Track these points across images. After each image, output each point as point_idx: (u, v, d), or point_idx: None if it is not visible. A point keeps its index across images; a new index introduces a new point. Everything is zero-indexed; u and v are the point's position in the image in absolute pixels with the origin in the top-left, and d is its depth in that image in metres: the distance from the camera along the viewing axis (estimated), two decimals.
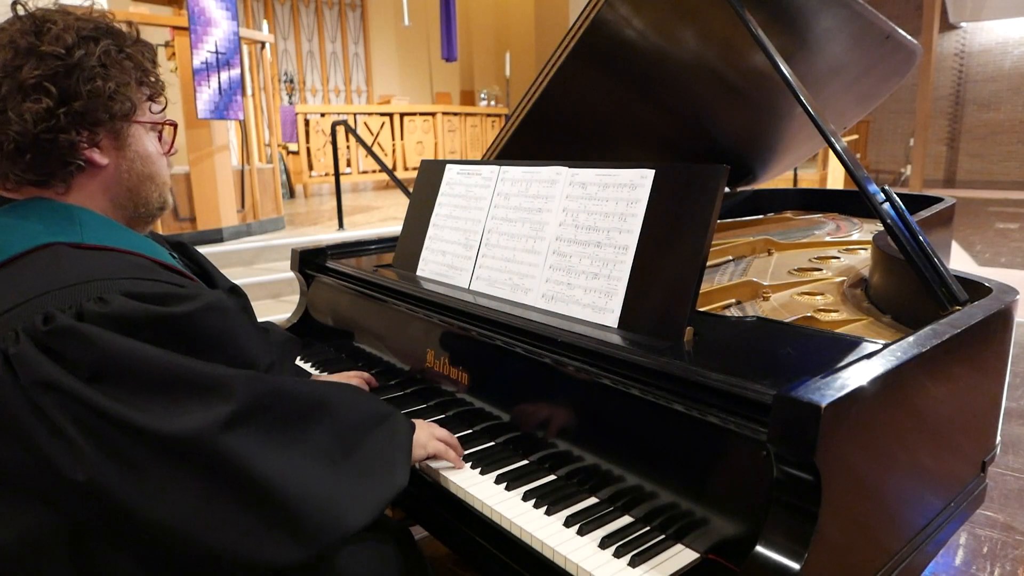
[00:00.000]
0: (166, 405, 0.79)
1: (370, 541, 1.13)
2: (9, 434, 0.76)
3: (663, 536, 0.95)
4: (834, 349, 1.04)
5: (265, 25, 10.22)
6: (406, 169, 9.15)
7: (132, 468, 0.76)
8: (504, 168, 1.43)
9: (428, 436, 1.15)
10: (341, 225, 5.75)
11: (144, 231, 1.10)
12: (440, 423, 1.31)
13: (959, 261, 5.73)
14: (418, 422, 1.16)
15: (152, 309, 0.82)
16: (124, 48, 0.97)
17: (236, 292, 1.49)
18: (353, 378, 1.46)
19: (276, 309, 4.00)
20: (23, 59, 0.89)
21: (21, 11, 0.96)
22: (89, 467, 0.75)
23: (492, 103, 11.92)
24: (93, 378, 0.77)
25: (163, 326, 0.82)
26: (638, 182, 1.17)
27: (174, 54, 4.78)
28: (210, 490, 0.79)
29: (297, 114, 8.37)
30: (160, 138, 1.06)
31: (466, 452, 1.20)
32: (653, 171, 1.16)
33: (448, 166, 1.58)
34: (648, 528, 0.97)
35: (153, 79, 1.02)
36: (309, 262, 1.83)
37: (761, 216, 2.78)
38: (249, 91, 5.30)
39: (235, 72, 4.83)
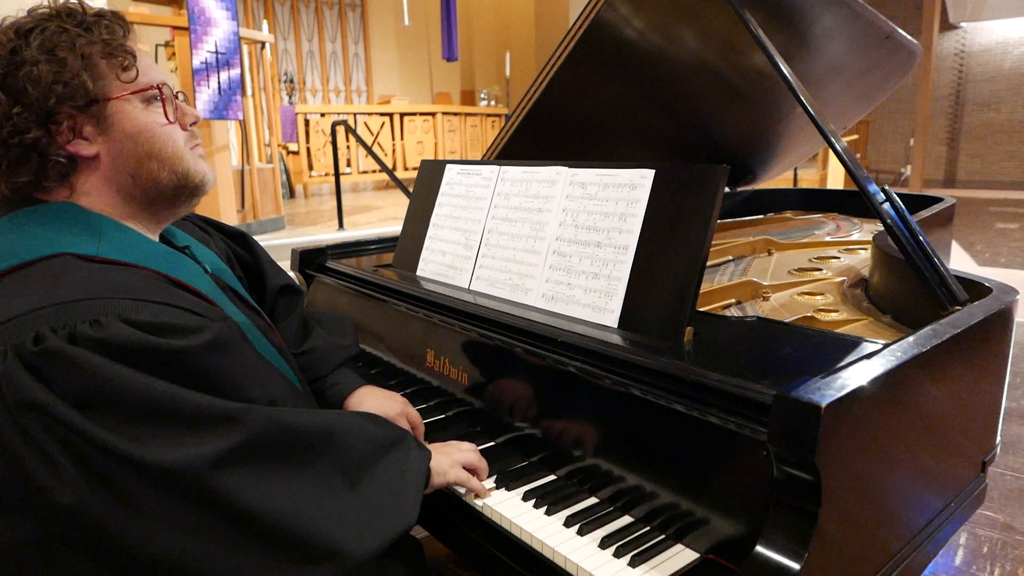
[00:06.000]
0: (157, 436, 0.75)
1: None
2: None
3: (663, 536, 0.95)
4: (834, 349, 1.04)
5: (265, 25, 10.23)
6: (406, 169, 9.17)
7: (121, 496, 0.73)
8: (504, 168, 1.43)
9: (450, 463, 1.06)
10: (341, 225, 5.76)
11: (176, 217, 1.04)
12: (440, 423, 1.31)
13: (959, 261, 5.73)
14: (439, 446, 1.10)
15: (148, 339, 0.77)
16: (72, 27, 0.89)
17: (292, 290, 1.44)
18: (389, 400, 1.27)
19: None
20: None
21: None
22: (76, 491, 0.71)
23: (492, 103, 11.94)
24: (81, 404, 0.73)
25: (159, 358, 0.77)
26: (638, 182, 1.17)
27: (174, 54, 4.78)
28: (201, 523, 0.75)
29: (297, 114, 8.39)
30: (164, 108, 0.96)
31: None
32: (653, 171, 1.16)
33: (448, 166, 1.58)
34: (648, 528, 0.97)
35: (119, 46, 0.92)
36: (309, 262, 1.83)
37: (761, 216, 2.78)
38: (249, 91, 5.31)
39: (235, 72, 4.84)
